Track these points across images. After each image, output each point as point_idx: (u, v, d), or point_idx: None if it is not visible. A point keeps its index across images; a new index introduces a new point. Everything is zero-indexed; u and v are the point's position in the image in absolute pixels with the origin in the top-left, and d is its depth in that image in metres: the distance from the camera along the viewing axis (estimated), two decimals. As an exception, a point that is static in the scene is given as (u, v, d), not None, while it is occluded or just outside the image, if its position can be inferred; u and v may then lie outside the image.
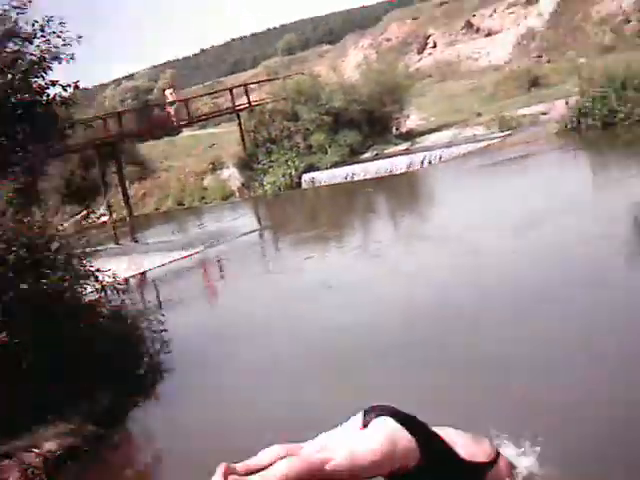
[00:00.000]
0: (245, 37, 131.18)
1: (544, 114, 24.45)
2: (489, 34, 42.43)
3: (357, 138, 27.68)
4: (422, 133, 28.07)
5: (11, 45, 12.58)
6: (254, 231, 21.25)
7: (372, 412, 4.45)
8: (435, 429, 4.57)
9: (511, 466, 4.81)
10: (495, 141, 23.40)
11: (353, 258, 14.51)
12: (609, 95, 20.86)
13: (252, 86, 36.65)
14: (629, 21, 31.41)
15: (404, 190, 22.04)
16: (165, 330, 10.94)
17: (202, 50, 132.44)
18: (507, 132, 24.01)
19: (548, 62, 34.79)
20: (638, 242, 10.81)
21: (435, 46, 45.12)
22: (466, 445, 4.60)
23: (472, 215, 15.13)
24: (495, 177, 19.52)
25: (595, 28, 35.41)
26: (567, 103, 22.23)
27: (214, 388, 9.16)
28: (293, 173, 26.99)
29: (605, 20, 35.17)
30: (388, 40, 48.21)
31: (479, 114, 27.53)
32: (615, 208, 12.39)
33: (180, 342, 10.89)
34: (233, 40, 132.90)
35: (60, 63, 12.32)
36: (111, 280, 10.80)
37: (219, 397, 8.80)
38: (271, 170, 27.71)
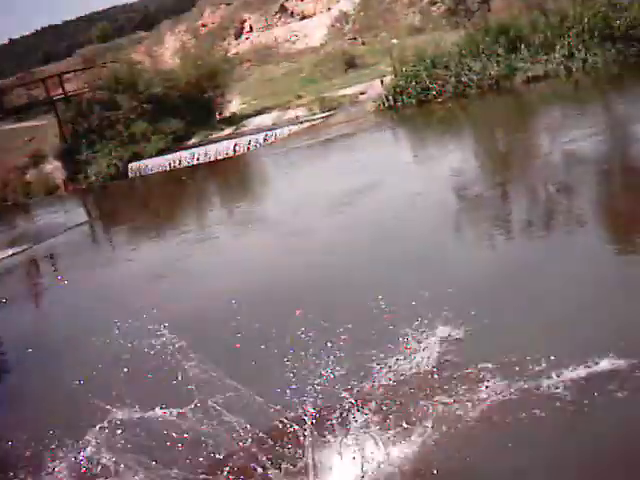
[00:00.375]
0: (57, 25, 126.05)
1: (362, 94, 25.26)
2: (304, 17, 43.14)
3: (180, 125, 27.56)
4: (246, 117, 28.29)
5: None
6: (82, 224, 20.85)
7: None
8: None
9: None
10: (317, 122, 23.99)
11: (183, 246, 14.56)
12: (421, 74, 21.94)
13: (69, 76, 35.49)
14: (435, 3, 32.88)
15: (231, 174, 22.25)
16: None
17: (11, 40, 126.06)
18: (328, 112, 24.64)
19: (363, 44, 35.84)
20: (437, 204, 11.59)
21: (252, 30, 45.35)
22: None
23: (299, 194, 15.59)
24: (318, 156, 20.10)
25: (404, 10, 36.82)
26: (382, 83, 23.13)
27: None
28: (118, 163, 26.56)
29: (413, 2, 36.62)
30: (204, 25, 48.00)
31: (300, 96, 28.07)
32: (427, 184, 13.20)
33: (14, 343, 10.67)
34: (44, 29, 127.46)
35: None
36: None
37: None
38: (95, 161, 27.14)
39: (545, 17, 21.81)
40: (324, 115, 24.51)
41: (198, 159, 24.56)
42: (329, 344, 6.56)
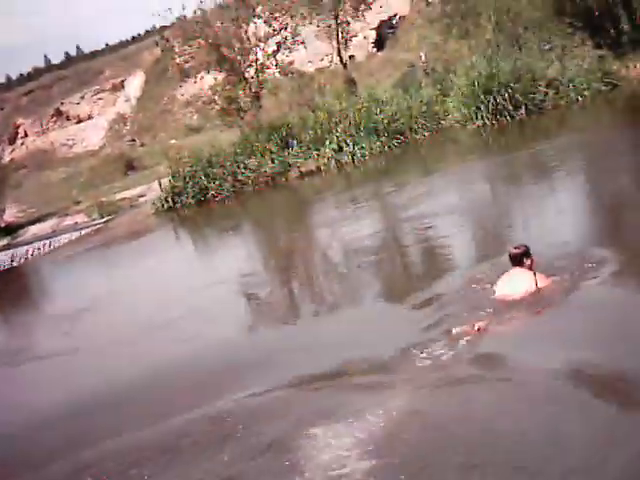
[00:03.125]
0: None
1: (142, 196, 25.12)
2: (80, 121, 42.62)
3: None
4: (22, 226, 27.25)
5: None
6: None
7: None
8: None
9: None
10: (97, 227, 23.50)
11: None
12: (198, 174, 22.13)
13: None
14: (211, 102, 33.48)
15: (8, 289, 21.11)
16: None
17: None
18: (108, 217, 24.22)
19: (142, 145, 35.82)
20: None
21: (27, 135, 44.16)
22: None
23: (76, 307, 14.92)
24: (95, 264, 19.53)
25: (182, 110, 37.28)
26: (160, 185, 23.06)
27: None
28: None
29: (190, 102, 37.18)
30: (-25, 131, 46.28)
31: (78, 202, 27.47)
32: (207, 283, 13.05)
33: None
34: None
35: None
36: None
37: None
38: None
39: (314, 114, 22.78)
40: (104, 220, 24.06)
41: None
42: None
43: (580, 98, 20.51)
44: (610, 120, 18.21)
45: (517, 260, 7.08)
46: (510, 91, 20.50)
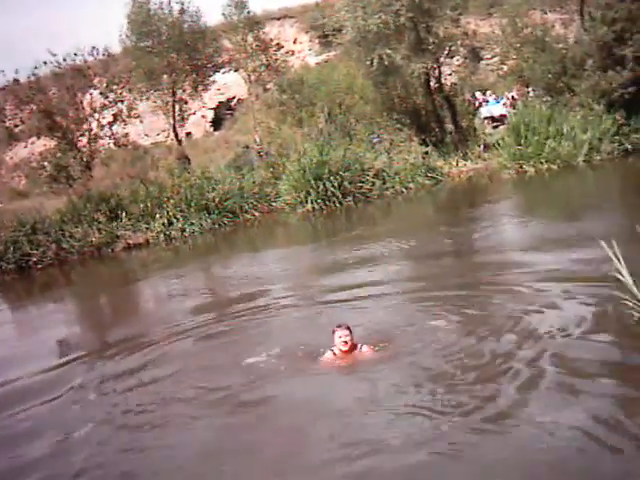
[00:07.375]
0: None
1: (-42, 260, 23.89)
2: None
3: None
4: None
5: None
6: None
7: None
8: None
9: None
10: None
11: None
12: (20, 240, 21.36)
13: None
14: (41, 168, 32.65)
15: None
16: None
17: None
18: None
19: (-37, 207, 34.32)
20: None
21: None
22: None
23: None
24: None
25: (9, 173, 36.12)
26: (-21, 249, 22.10)
27: None
28: None
29: (19, 166, 36.11)
30: None
31: None
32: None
33: None
34: None
35: None
36: None
37: None
38: None
39: (145, 187, 22.74)
40: None
41: None
42: None
43: (405, 190, 21.66)
44: (428, 212, 19.28)
45: (349, 330, 8.15)
46: (339, 179, 21.32)
